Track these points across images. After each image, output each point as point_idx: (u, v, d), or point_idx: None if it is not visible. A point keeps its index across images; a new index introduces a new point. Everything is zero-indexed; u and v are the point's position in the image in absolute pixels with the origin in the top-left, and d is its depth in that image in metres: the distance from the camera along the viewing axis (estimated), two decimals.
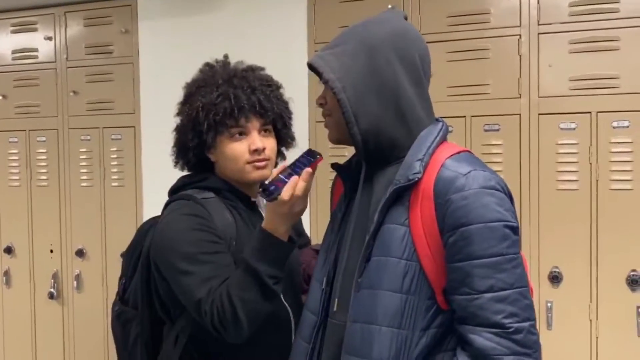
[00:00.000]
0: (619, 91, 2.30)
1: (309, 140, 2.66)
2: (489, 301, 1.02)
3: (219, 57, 1.52)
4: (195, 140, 1.42)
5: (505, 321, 1.01)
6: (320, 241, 1.36)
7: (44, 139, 3.19)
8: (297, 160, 1.30)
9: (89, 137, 3.10)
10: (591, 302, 2.32)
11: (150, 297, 1.45)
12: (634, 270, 2.27)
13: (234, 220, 1.41)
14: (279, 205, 1.24)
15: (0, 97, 3.25)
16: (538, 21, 2.39)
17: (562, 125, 2.36)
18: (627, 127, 2.28)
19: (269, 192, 1.24)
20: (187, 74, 1.52)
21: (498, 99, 2.44)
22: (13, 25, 3.25)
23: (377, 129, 1.14)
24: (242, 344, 1.30)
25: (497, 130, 2.44)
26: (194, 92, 1.44)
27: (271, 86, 1.47)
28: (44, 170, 3.20)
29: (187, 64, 1.61)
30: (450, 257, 1.05)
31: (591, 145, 2.32)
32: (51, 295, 3.15)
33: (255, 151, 1.39)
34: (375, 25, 1.17)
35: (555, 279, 2.36)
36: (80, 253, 3.11)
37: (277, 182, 1.25)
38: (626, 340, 2.28)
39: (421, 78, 1.16)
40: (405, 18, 1.22)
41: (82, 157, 3.12)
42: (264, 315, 1.29)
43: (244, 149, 1.40)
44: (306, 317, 1.25)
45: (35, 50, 3.21)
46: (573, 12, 2.36)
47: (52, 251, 3.18)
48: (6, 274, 3.26)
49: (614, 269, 2.29)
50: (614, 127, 2.30)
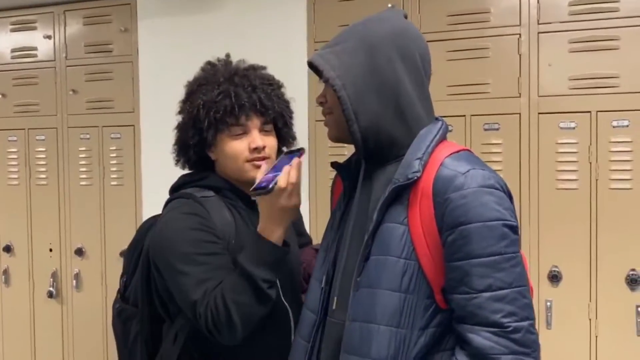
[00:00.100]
0: (618, 90, 2.30)
1: (309, 139, 2.66)
2: (487, 300, 1.02)
3: (219, 56, 1.52)
4: (195, 138, 1.42)
5: (504, 320, 1.01)
6: (320, 240, 1.35)
7: (43, 137, 3.18)
8: (279, 162, 1.31)
9: (88, 136, 3.10)
10: (590, 301, 2.32)
11: (150, 295, 1.45)
12: (633, 270, 2.27)
13: (234, 219, 1.41)
14: (276, 196, 1.24)
15: (0, 96, 3.25)
16: (538, 20, 2.39)
17: (562, 125, 2.36)
18: (627, 126, 2.28)
19: (262, 187, 1.23)
20: (187, 73, 1.52)
21: (498, 98, 2.44)
22: (12, 23, 3.25)
23: (377, 126, 1.13)
24: (241, 342, 1.30)
25: (497, 129, 2.44)
26: (195, 90, 1.44)
27: (272, 85, 1.47)
28: (43, 169, 3.19)
29: (187, 63, 1.62)
30: (449, 256, 1.05)
31: (591, 144, 2.32)
32: (50, 294, 3.14)
33: (255, 149, 1.39)
34: (376, 23, 1.17)
35: (554, 278, 2.36)
36: (79, 252, 3.11)
37: (266, 180, 1.25)
38: (625, 340, 2.28)
39: (421, 77, 1.16)
40: (405, 17, 1.22)
41: (81, 156, 3.11)
42: (257, 319, 1.29)
43: (244, 147, 1.40)
44: (305, 316, 1.25)
45: (35, 48, 3.20)
46: (573, 12, 2.36)
47: (51, 250, 3.18)
48: (5, 272, 3.25)
49: (614, 268, 2.29)
50: (613, 127, 2.30)
